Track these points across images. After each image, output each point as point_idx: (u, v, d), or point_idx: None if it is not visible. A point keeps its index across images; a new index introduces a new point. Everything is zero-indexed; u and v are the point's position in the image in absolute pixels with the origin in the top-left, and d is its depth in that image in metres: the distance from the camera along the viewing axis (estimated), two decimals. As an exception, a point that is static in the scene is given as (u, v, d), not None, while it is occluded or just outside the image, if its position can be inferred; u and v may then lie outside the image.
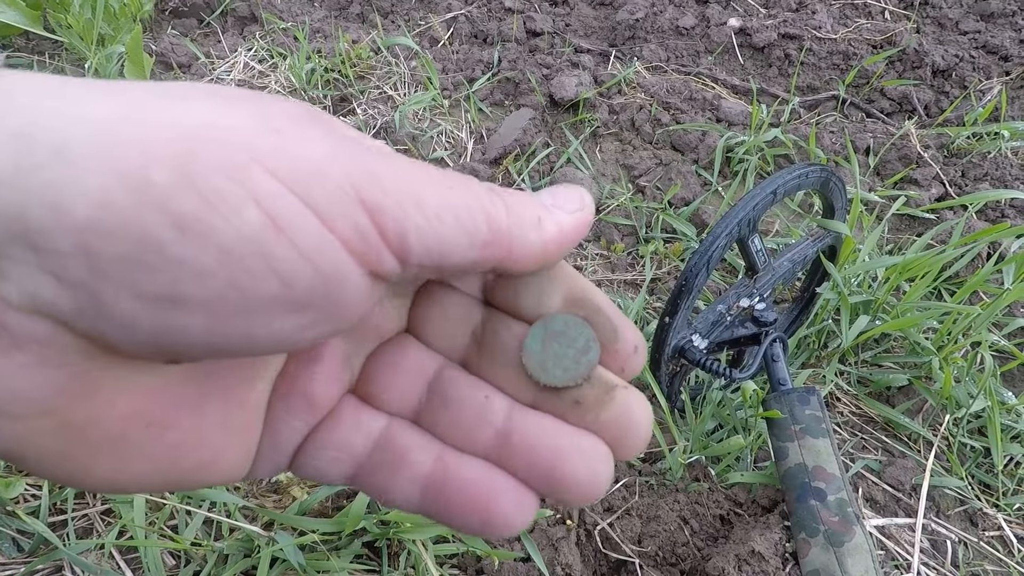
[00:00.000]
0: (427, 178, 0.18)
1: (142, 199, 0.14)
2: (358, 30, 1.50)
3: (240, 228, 0.15)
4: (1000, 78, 1.46)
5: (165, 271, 0.15)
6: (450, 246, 0.18)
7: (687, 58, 1.52)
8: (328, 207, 0.16)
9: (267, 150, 0.16)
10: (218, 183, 0.15)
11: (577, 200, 0.21)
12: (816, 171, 0.75)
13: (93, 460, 0.17)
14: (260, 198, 0.15)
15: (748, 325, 0.78)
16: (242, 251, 0.15)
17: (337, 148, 0.17)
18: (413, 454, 0.21)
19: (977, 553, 0.72)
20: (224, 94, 0.17)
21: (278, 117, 0.16)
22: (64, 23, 1.30)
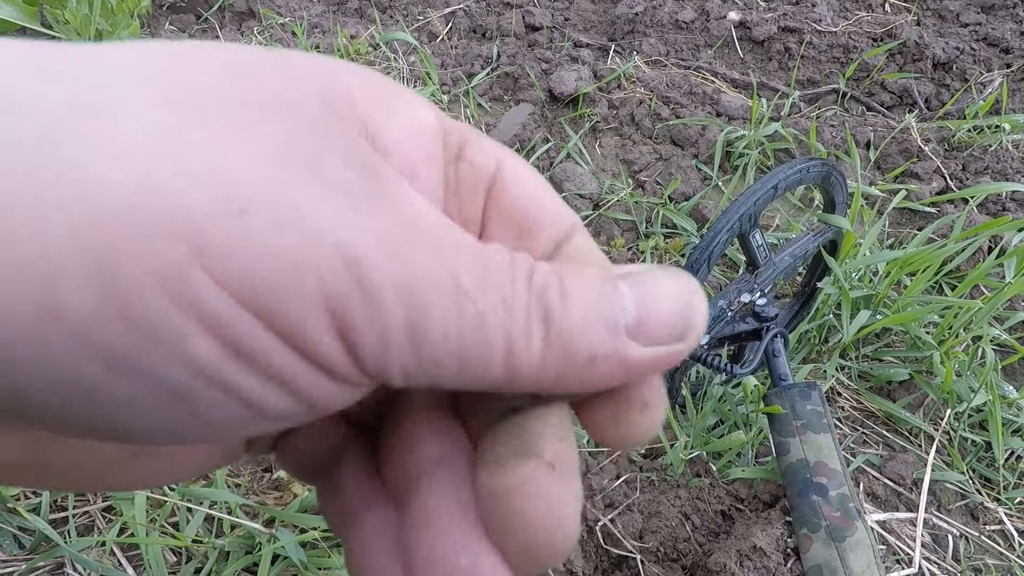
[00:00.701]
0: (441, 282, 0.13)
1: (58, 331, 0.11)
2: (356, 25, 1.49)
3: (188, 363, 0.12)
4: (1001, 71, 1.45)
5: (100, 408, 0.12)
6: (445, 385, 0.14)
7: (687, 52, 1.51)
8: (295, 329, 0.12)
9: (218, 241, 0.11)
10: (151, 305, 0.11)
11: (680, 324, 0.15)
12: (817, 165, 0.74)
13: (77, 484, 0.17)
14: (210, 322, 0.12)
15: (749, 320, 0.77)
16: (194, 387, 0.12)
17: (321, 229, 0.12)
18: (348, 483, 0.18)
19: (978, 547, 0.72)
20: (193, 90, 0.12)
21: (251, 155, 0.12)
22: (61, 19, 1.30)
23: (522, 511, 0.14)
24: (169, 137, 0.11)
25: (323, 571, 0.58)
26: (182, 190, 0.11)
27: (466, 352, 0.13)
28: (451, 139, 0.18)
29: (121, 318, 0.11)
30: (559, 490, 0.14)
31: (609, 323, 0.14)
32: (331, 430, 0.19)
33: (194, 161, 0.11)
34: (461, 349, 0.13)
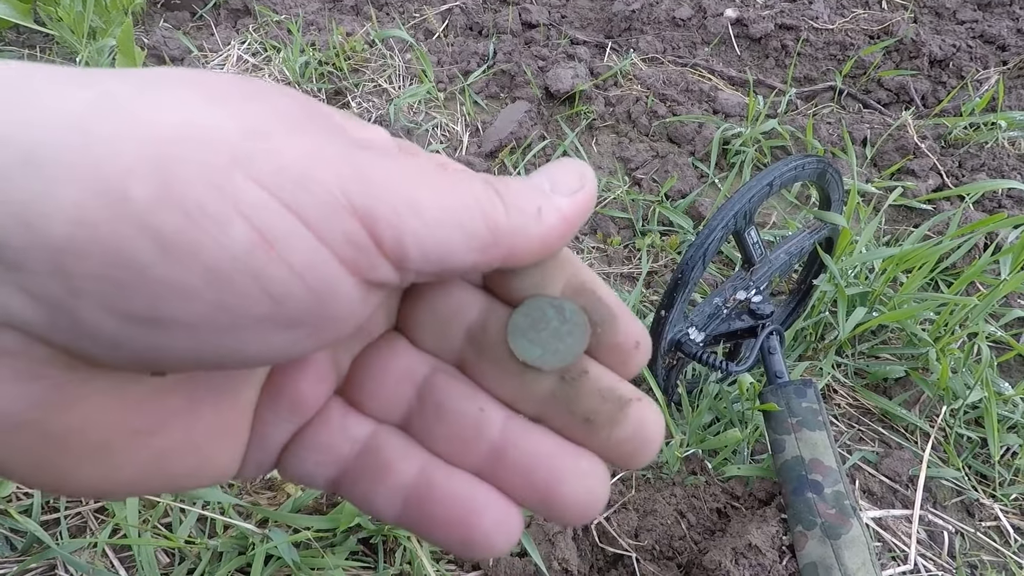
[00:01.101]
0: (423, 178, 0.17)
1: (120, 216, 0.13)
2: (352, 22, 1.49)
3: (228, 246, 0.14)
4: (997, 68, 1.45)
5: (147, 292, 0.14)
6: (449, 251, 0.17)
7: (683, 49, 1.51)
8: (319, 217, 0.15)
9: (250, 154, 0.14)
10: (201, 196, 0.14)
11: (576, 178, 0.20)
12: (812, 162, 0.74)
13: (75, 469, 0.17)
14: (247, 211, 0.14)
15: (745, 318, 0.77)
16: (230, 270, 0.14)
17: (326, 148, 0.16)
18: (397, 463, 0.20)
19: (974, 543, 0.72)
20: (204, 83, 0.15)
21: (262, 114, 0.15)
22: (54, 16, 1.29)
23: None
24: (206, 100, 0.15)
25: (316, 571, 0.57)
26: (221, 123, 0.15)
27: (458, 215, 0.17)
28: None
29: (174, 205, 0.14)
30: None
31: (536, 189, 0.19)
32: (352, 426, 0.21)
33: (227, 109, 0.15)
34: (453, 213, 0.17)
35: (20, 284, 0.13)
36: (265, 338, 0.15)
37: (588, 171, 0.20)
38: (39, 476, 0.17)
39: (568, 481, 0.19)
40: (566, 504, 0.19)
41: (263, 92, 0.16)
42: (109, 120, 0.14)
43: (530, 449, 0.19)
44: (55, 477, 0.17)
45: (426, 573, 0.58)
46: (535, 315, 0.20)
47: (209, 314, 0.14)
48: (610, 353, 0.20)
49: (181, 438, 0.18)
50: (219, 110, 0.15)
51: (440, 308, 0.21)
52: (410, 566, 0.60)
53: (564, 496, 0.19)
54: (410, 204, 0.16)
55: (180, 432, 0.18)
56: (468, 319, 0.21)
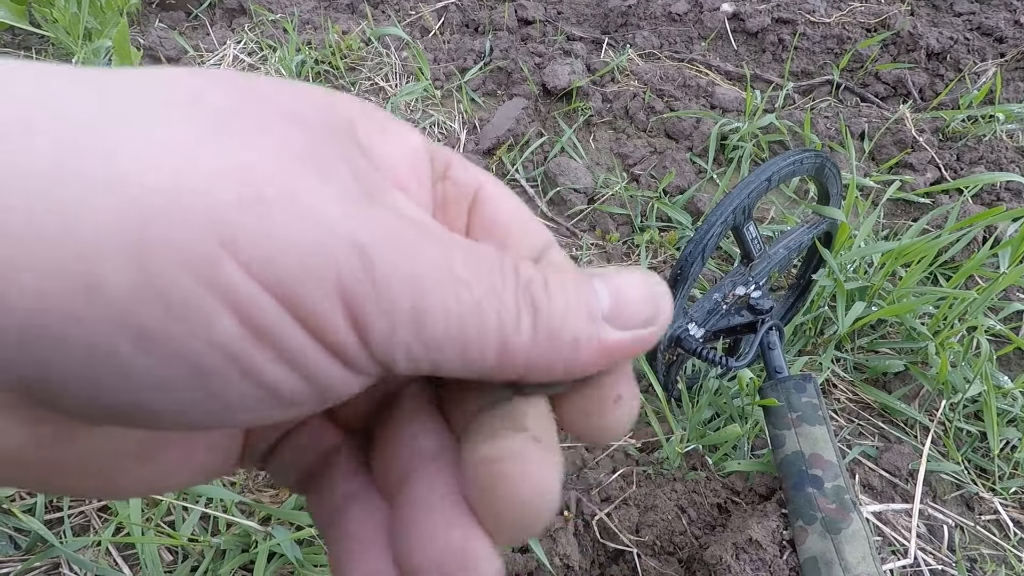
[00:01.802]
0: (440, 274, 0.14)
1: (96, 309, 0.12)
2: (348, 21, 1.48)
3: (215, 343, 0.13)
4: (995, 60, 1.45)
5: (125, 385, 0.13)
6: (443, 368, 0.15)
7: (680, 44, 1.51)
8: (313, 313, 0.14)
9: (243, 231, 0.13)
10: (184, 289, 0.12)
11: (649, 307, 0.17)
12: (811, 157, 0.74)
13: (79, 485, 0.18)
14: (235, 304, 0.13)
15: (744, 313, 0.77)
16: (216, 365, 0.13)
17: (333, 220, 0.14)
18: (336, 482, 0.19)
19: (974, 537, 0.72)
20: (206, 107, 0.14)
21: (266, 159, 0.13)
22: (50, 17, 1.29)
23: (511, 478, 0.15)
24: (195, 144, 0.13)
25: (319, 568, 0.58)
26: (209, 187, 0.13)
27: (465, 335, 0.15)
28: (437, 160, 0.20)
29: (155, 297, 0.12)
30: (545, 459, 0.16)
31: (588, 309, 0.16)
32: (322, 437, 0.20)
33: (218, 162, 0.13)
34: (460, 333, 0.15)
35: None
36: (258, 416, 0.15)
37: (666, 298, 0.17)
38: (44, 489, 0.17)
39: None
40: None
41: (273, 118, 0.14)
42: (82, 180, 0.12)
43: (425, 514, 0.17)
44: (58, 490, 0.18)
45: (428, 570, 0.58)
46: None
47: (197, 401, 0.14)
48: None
49: (181, 457, 0.19)
50: (215, 155, 0.13)
51: None
52: (412, 563, 0.60)
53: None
54: (413, 319, 0.14)
55: (179, 452, 0.18)
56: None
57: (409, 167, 0.19)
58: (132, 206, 0.12)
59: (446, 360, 0.15)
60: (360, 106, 0.18)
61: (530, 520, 0.15)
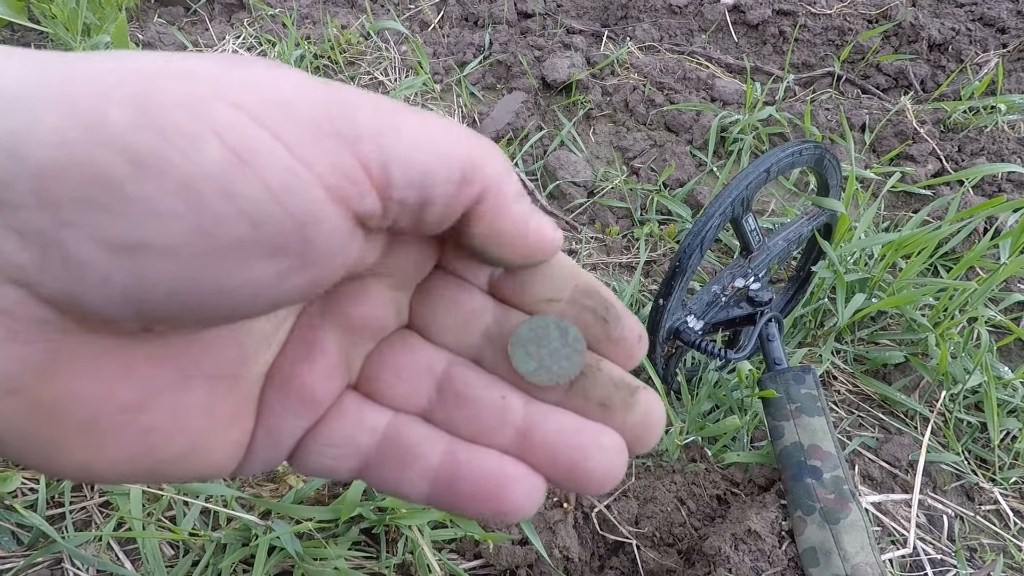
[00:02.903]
0: (404, 109, 0.17)
1: (97, 137, 0.14)
2: (347, 15, 1.48)
3: (200, 163, 0.14)
4: (997, 51, 1.44)
5: (126, 213, 0.14)
6: (431, 176, 0.17)
7: (680, 37, 1.50)
8: (300, 139, 0.15)
9: (232, 84, 0.15)
10: (177, 118, 0.14)
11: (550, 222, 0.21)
12: (810, 148, 0.74)
13: (64, 443, 0.17)
14: (222, 131, 0.14)
15: (743, 305, 0.77)
16: (204, 189, 0.14)
17: (308, 83, 0.16)
18: (421, 447, 0.20)
19: (973, 527, 0.72)
20: (183, 53, 0.16)
21: (246, 61, 0.16)
22: (49, 13, 1.28)
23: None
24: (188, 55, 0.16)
25: (319, 562, 0.58)
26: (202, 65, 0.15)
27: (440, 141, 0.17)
28: None
29: (150, 126, 0.14)
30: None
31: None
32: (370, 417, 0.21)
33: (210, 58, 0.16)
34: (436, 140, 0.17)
35: (12, 224, 0.14)
36: (247, 267, 0.15)
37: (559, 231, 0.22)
38: (28, 449, 0.16)
39: (592, 457, 0.20)
40: (590, 477, 0.20)
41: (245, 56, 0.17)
42: (93, 63, 0.14)
43: (553, 428, 0.20)
44: (43, 452, 0.17)
45: (428, 562, 0.58)
46: (539, 331, 0.21)
47: (188, 237, 0.14)
48: (617, 347, 0.22)
49: (169, 416, 0.18)
50: (204, 57, 0.16)
51: (457, 309, 0.22)
52: (412, 555, 0.60)
53: (589, 470, 0.20)
54: (393, 127, 0.16)
55: (168, 409, 0.18)
56: (485, 321, 0.22)
57: None
58: (137, 71, 0.14)
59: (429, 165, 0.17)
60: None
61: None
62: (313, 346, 0.20)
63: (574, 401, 0.21)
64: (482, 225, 0.19)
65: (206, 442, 0.19)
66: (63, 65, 0.14)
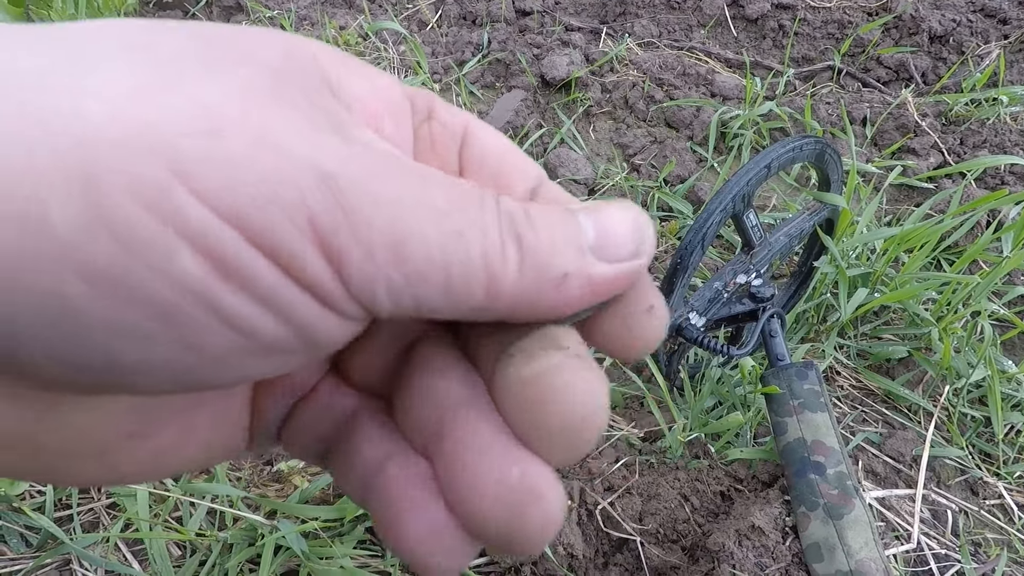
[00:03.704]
0: (418, 203, 0.13)
1: (42, 247, 0.11)
2: (345, 16, 1.48)
3: (177, 280, 0.12)
4: (999, 42, 1.43)
5: (92, 339, 0.12)
6: (428, 308, 0.14)
7: (679, 32, 1.50)
8: (280, 245, 0.12)
9: (195, 159, 0.12)
10: (136, 221, 0.11)
11: (633, 240, 0.16)
12: (811, 143, 0.74)
13: (76, 471, 0.17)
14: (193, 237, 0.12)
15: (745, 301, 0.77)
16: (185, 308, 0.12)
17: (295, 149, 0.13)
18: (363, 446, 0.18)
19: (978, 522, 0.72)
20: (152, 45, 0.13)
21: (220, 93, 0.12)
22: (47, 18, 1.29)
23: (557, 389, 0.15)
24: (146, 80, 0.12)
25: (325, 560, 0.58)
26: (158, 117, 0.12)
27: (448, 267, 0.14)
28: (418, 102, 0.19)
29: (105, 231, 0.11)
30: (590, 375, 0.15)
31: (574, 243, 0.15)
32: (336, 401, 0.19)
33: (169, 96, 0.12)
34: (444, 264, 0.14)
35: None
36: (242, 366, 0.14)
37: (649, 230, 0.17)
38: (39, 478, 0.16)
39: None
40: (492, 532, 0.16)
41: (227, 59, 0.13)
42: (22, 112, 0.11)
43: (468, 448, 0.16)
44: (56, 478, 0.17)
45: (433, 561, 0.59)
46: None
47: (173, 355, 0.13)
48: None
49: (177, 435, 0.18)
50: (167, 91, 0.12)
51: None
52: (417, 554, 0.61)
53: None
54: (392, 248, 0.13)
55: (175, 430, 0.18)
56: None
57: (380, 103, 0.17)
58: (79, 137, 0.11)
59: (430, 296, 0.14)
60: (320, 44, 0.16)
61: (582, 433, 0.15)
62: None
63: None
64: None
65: (212, 445, 0.19)
66: None
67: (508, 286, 0.14)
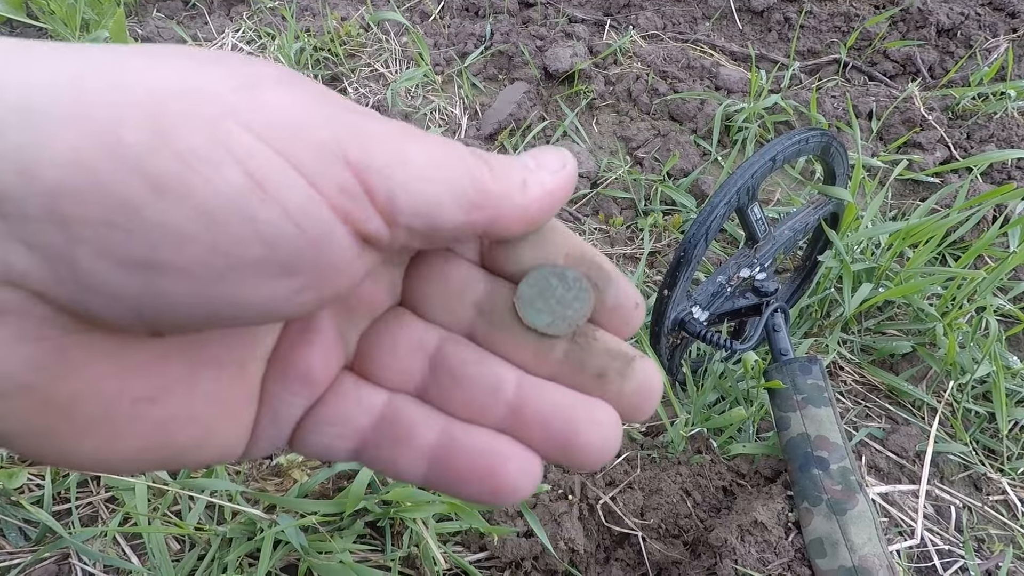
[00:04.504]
0: (413, 137, 0.17)
1: (115, 160, 0.14)
2: (347, 6, 1.47)
3: (221, 189, 0.14)
4: (1007, 36, 1.42)
5: (143, 235, 0.14)
6: (438, 207, 0.17)
7: (684, 25, 1.48)
8: (313, 165, 0.15)
9: (243, 107, 0.15)
10: (194, 141, 0.14)
11: (559, 160, 0.21)
12: (816, 136, 0.73)
13: (79, 439, 0.17)
14: (241, 156, 0.14)
15: (749, 296, 0.77)
16: (224, 213, 0.14)
17: (318, 105, 0.16)
18: (418, 427, 0.21)
19: (981, 517, 0.72)
20: (191, 54, 0.16)
21: (254, 75, 0.16)
22: (47, 9, 1.28)
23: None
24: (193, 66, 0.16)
25: (324, 555, 0.58)
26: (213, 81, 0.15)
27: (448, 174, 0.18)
28: None
29: (167, 149, 0.14)
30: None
31: (522, 164, 0.20)
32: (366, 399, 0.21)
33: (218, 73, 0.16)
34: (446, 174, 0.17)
35: (20, 236, 0.14)
36: (261, 286, 0.16)
37: (570, 156, 0.22)
38: (43, 445, 0.17)
39: (585, 430, 0.20)
40: (584, 451, 0.20)
41: (254, 61, 0.17)
42: (104, 76, 0.14)
43: (546, 403, 0.20)
44: (58, 447, 0.17)
45: (433, 555, 0.58)
46: (540, 285, 0.21)
47: (204, 257, 0.15)
48: (613, 315, 0.22)
49: (182, 408, 0.18)
50: (212, 72, 0.15)
51: (447, 283, 0.22)
52: (417, 548, 0.60)
53: (582, 444, 0.20)
54: (401, 158, 0.17)
55: (180, 401, 0.18)
56: (476, 294, 0.22)
57: None
58: (148, 89, 0.14)
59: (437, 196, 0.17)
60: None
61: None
62: (309, 327, 0.21)
63: (569, 373, 0.21)
64: (495, 235, 0.20)
65: (216, 429, 0.19)
66: (69, 72, 0.14)
67: (489, 184, 0.18)
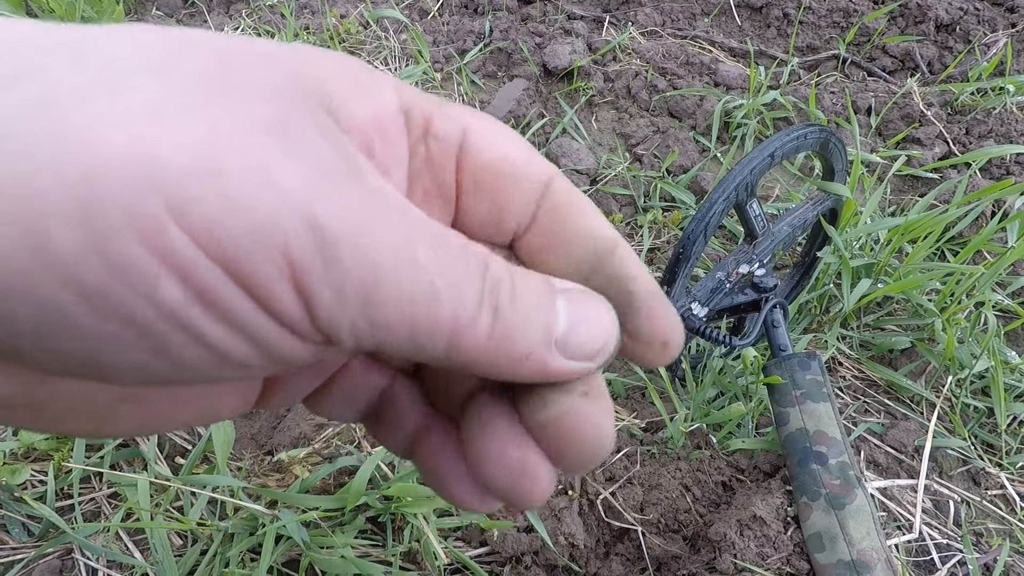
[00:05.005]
0: (397, 252, 0.14)
1: (42, 264, 0.12)
2: (346, 4, 1.47)
3: (157, 304, 0.13)
4: (1006, 31, 1.42)
5: (80, 340, 0.13)
6: (390, 350, 0.15)
7: (683, 21, 1.48)
8: (257, 282, 0.13)
9: (191, 199, 0.13)
10: (127, 250, 0.12)
11: (597, 346, 0.18)
12: (815, 132, 0.73)
13: (74, 425, 0.18)
14: (179, 268, 0.13)
15: (748, 292, 0.77)
16: (163, 327, 0.13)
17: (290, 191, 0.13)
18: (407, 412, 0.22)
19: (980, 512, 0.72)
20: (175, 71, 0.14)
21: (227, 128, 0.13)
22: (46, 7, 1.28)
23: (567, 436, 0.18)
24: (164, 108, 0.13)
25: (326, 550, 0.58)
26: (168, 152, 0.13)
27: (416, 322, 0.15)
28: (415, 115, 0.19)
29: (99, 257, 0.12)
30: (595, 411, 0.18)
31: (545, 328, 0.17)
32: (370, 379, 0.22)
33: (180, 129, 0.13)
34: (412, 317, 0.15)
35: None
36: (218, 374, 0.15)
37: (614, 340, 0.18)
38: (37, 429, 0.18)
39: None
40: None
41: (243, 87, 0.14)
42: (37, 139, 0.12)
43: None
44: (56, 430, 0.18)
45: (434, 550, 0.59)
46: None
47: (151, 361, 0.14)
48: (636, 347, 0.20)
49: (169, 402, 0.19)
50: (178, 122, 0.13)
51: None
52: (418, 543, 0.61)
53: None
54: (362, 296, 0.14)
55: (167, 396, 0.18)
56: None
57: (375, 127, 0.18)
58: (85, 164, 0.12)
59: (393, 342, 0.15)
60: (333, 61, 0.17)
61: (592, 458, 0.18)
62: None
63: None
64: None
65: (211, 408, 0.20)
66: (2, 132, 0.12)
67: (471, 346, 0.16)
